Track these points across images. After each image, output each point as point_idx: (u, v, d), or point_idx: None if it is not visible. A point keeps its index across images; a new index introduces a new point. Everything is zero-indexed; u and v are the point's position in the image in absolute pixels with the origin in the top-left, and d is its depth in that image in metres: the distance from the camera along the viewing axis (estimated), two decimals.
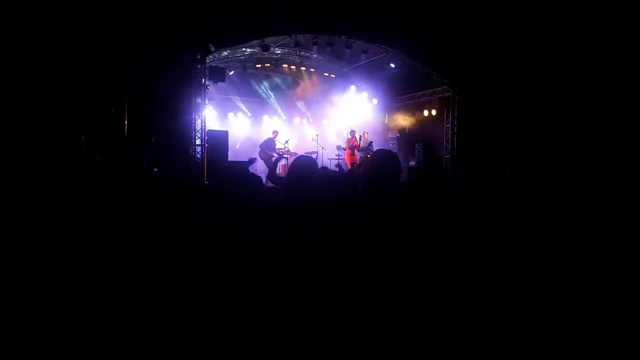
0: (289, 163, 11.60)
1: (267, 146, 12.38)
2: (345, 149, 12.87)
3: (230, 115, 14.63)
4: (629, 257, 2.87)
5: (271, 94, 14.71)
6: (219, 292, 2.46)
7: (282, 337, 2.22)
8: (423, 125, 13.88)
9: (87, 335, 2.24)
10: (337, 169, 5.87)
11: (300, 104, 15.41)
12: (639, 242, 2.92)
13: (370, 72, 14.29)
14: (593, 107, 8.54)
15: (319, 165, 3.01)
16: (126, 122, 8.44)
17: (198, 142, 9.89)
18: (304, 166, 2.72)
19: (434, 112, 13.29)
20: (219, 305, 2.42)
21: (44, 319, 2.30)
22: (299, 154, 6.22)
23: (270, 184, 3.85)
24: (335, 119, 16.03)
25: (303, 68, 14.24)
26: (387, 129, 15.78)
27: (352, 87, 15.05)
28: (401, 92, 14.93)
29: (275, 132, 12.83)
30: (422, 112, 13.83)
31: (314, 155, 13.12)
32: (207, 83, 10.36)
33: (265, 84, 14.57)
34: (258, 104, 14.82)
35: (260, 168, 12.25)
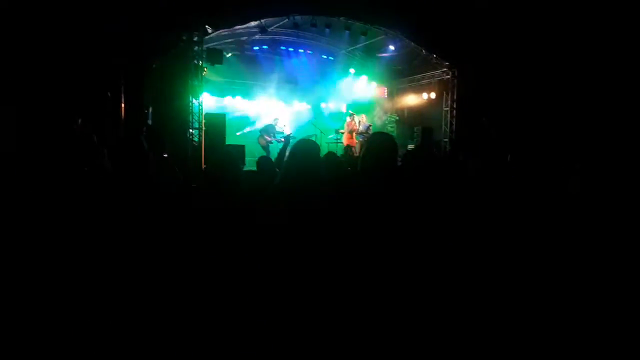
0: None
1: (267, 132, 12.34)
2: (343, 133, 12.82)
3: (228, 98, 14.49)
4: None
5: (268, 76, 14.52)
6: (217, 286, 2.45)
7: (282, 331, 2.22)
8: (422, 108, 13.79)
9: (87, 326, 2.24)
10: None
11: (298, 87, 15.26)
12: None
13: (369, 55, 14.14)
14: (598, 96, 8.46)
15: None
16: (122, 105, 8.36)
17: (196, 125, 9.82)
18: (308, 151, 2.56)
19: (433, 95, 13.18)
20: (219, 300, 2.41)
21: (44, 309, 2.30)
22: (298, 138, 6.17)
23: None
24: (334, 102, 15.91)
25: (301, 50, 14.06)
26: (385, 112, 15.68)
27: (351, 70, 14.89)
28: (400, 74, 14.80)
29: (276, 119, 12.76)
30: (422, 95, 13.71)
31: (312, 138, 13.04)
32: (204, 65, 10.24)
33: (263, 66, 14.37)
34: (256, 86, 14.66)
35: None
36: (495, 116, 10.53)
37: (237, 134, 13.78)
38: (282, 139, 12.11)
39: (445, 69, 12.39)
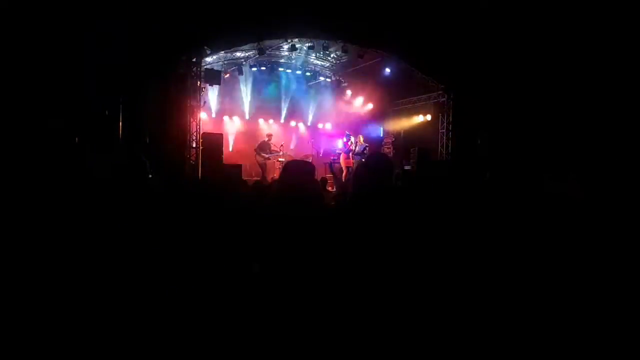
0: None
1: (262, 149, 12.38)
2: (340, 153, 12.88)
3: (226, 117, 14.60)
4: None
5: (267, 96, 14.69)
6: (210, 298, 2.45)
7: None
8: (418, 130, 13.93)
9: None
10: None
11: (295, 108, 15.42)
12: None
13: (366, 77, 14.33)
14: (587, 112, 8.62)
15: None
16: (120, 124, 8.40)
17: (193, 144, 9.87)
18: (299, 172, 2.61)
19: (429, 117, 13.34)
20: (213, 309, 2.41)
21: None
22: (294, 158, 6.23)
23: None
24: (331, 122, 16.06)
25: (299, 72, 14.25)
26: (382, 133, 15.82)
27: (348, 92, 15.08)
28: (397, 96, 14.98)
29: (270, 135, 12.84)
30: (418, 116, 13.88)
31: (309, 159, 13.15)
32: (202, 85, 10.35)
33: (260, 86, 14.54)
34: (254, 107, 14.79)
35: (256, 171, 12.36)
36: (491, 138, 10.65)
37: (230, 150, 13.79)
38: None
39: (441, 92, 12.56)
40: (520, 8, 9.05)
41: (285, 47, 11.71)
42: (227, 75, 12.76)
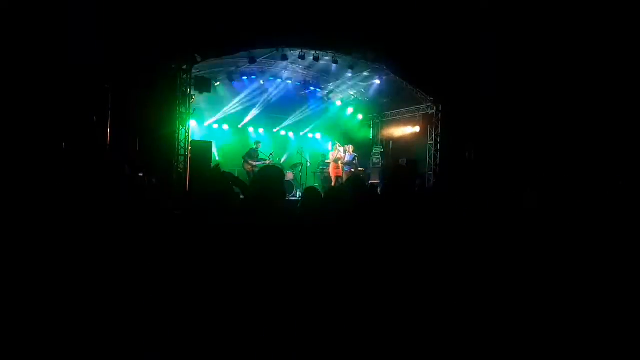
0: None
1: (250, 157, 12.36)
2: (329, 163, 12.92)
3: (215, 125, 14.57)
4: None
5: (257, 105, 14.70)
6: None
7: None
8: (407, 141, 14.05)
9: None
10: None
11: (285, 117, 15.46)
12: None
13: (356, 87, 14.45)
14: (578, 126, 8.82)
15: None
16: (109, 130, 8.34)
17: (182, 152, 9.82)
18: (269, 175, 2.71)
19: (417, 129, 13.46)
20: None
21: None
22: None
23: None
24: (320, 132, 16.12)
25: (289, 81, 14.31)
26: (371, 143, 15.91)
27: (338, 102, 15.17)
28: (386, 108, 15.11)
29: (258, 143, 12.85)
30: (406, 128, 14.01)
31: (298, 168, 13.19)
32: (192, 93, 10.33)
33: (250, 95, 14.55)
34: (244, 115, 14.79)
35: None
36: (478, 150, 10.79)
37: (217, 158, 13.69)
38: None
39: (429, 104, 12.71)
40: (508, 22, 9.25)
41: (276, 56, 11.77)
42: (218, 83, 12.76)
